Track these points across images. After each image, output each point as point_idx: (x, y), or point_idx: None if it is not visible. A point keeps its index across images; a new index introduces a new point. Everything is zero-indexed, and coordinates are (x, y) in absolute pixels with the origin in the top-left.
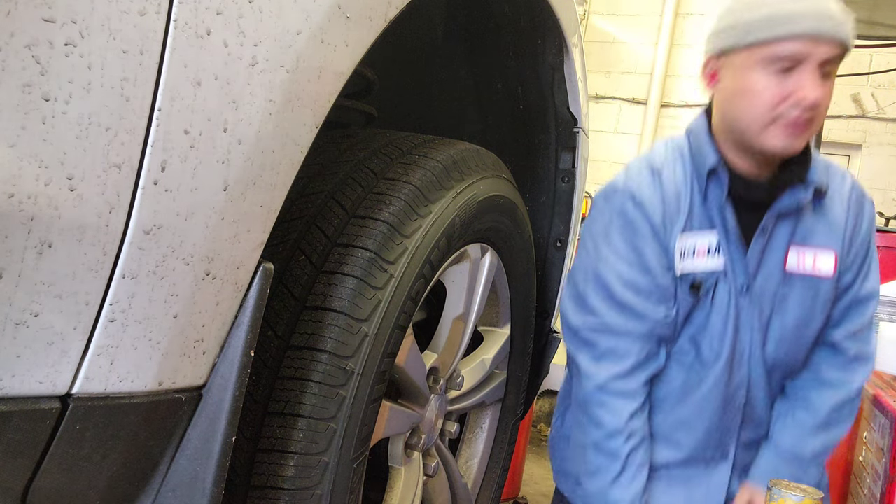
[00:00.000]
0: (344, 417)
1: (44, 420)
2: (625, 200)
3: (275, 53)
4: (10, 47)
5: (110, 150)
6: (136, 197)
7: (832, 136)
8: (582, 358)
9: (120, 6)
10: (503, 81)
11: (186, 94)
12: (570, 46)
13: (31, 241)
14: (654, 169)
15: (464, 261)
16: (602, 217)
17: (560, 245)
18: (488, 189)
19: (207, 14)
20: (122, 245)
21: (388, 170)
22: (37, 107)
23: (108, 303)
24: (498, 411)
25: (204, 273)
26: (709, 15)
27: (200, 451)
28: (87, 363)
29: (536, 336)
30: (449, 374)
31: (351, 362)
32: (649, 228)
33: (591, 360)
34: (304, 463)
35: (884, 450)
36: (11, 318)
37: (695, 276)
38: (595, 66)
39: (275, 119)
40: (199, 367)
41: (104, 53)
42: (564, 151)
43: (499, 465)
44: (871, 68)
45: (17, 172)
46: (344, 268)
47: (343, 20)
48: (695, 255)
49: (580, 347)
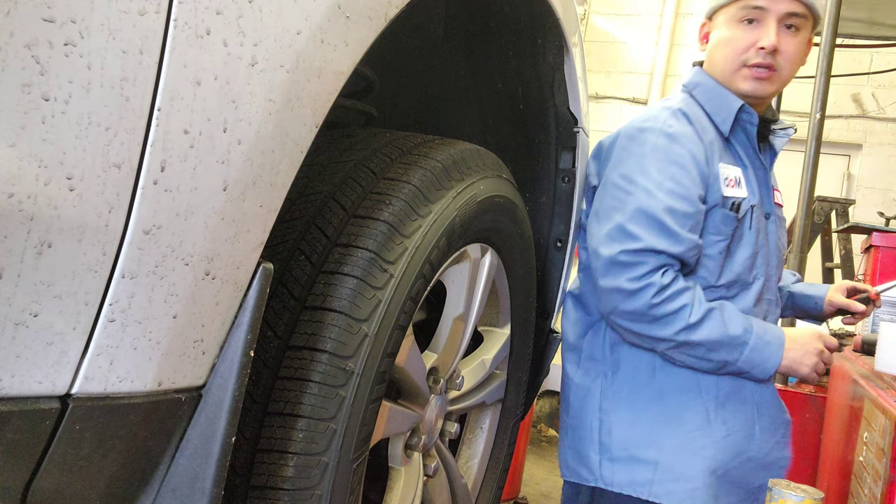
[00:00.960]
0: (344, 418)
1: (43, 420)
2: (658, 136)
3: (275, 53)
4: (10, 47)
5: (110, 149)
6: (135, 197)
7: (832, 136)
8: (622, 281)
9: (119, 6)
10: (503, 81)
11: (186, 94)
12: (570, 46)
13: (30, 241)
14: (675, 111)
15: (464, 261)
16: (634, 154)
17: (560, 245)
18: (488, 189)
19: (207, 14)
20: (121, 245)
21: (388, 170)
22: (36, 106)
23: (108, 303)
24: (498, 411)
25: (203, 273)
26: None
27: (200, 452)
28: (86, 363)
29: (536, 336)
30: (449, 374)
31: (351, 362)
32: (690, 158)
33: (633, 279)
34: (303, 463)
35: (884, 450)
36: (11, 318)
37: (734, 200)
38: (595, 66)
39: (274, 119)
40: (198, 367)
41: (104, 53)
42: (564, 151)
43: (499, 466)
44: (871, 68)
45: (16, 172)
46: (344, 268)
47: (343, 20)
48: (729, 183)
49: (620, 272)
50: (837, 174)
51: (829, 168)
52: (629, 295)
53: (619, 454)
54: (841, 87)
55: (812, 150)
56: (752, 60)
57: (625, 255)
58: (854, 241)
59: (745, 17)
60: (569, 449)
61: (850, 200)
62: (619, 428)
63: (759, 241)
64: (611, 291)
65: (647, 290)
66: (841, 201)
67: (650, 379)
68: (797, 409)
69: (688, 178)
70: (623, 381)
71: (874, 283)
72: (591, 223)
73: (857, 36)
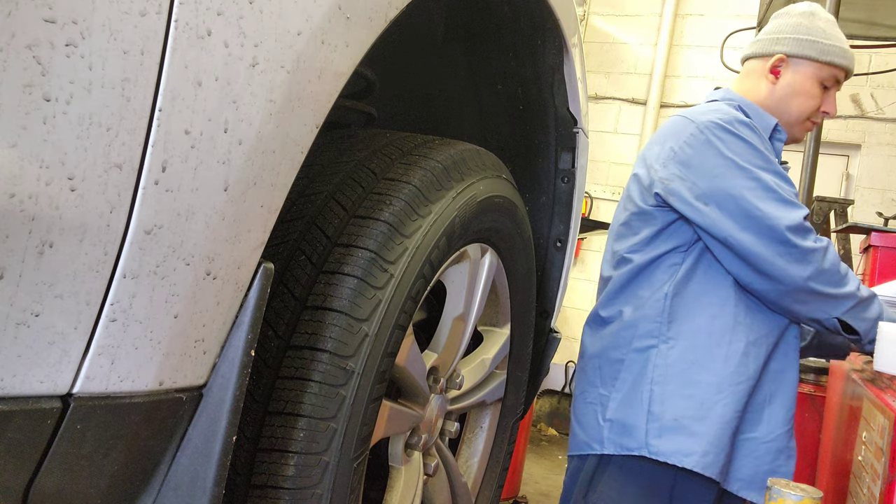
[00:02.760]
0: (344, 417)
1: (45, 420)
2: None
3: (275, 54)
4: (11, 48)
5: (111, 150)
6: (136, 197)
7: (831, 137)
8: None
9: (121, 7)
10: (503, 82)
11: (187, 95)
12: (569, 47)
13: (31, 241)
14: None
15: (464, 261)
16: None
17: (560, 245)
18: (488, 189)
19: (208, 15)
20: (122, 245)
21: (389, 170)
22: (38, 107)
23: (109, 302)
24: (498, 411)
25: (205, 273)
26: (708, 15)
27: (201, 451)
28: (87, 363)
29: (536, 336)
30: (449, 373)
31: (351, 362)
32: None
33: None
34: (304, 462)
35: (883, 450)
36: (12, 317)
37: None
38: (595, 67)
39: (275, 119)
40: (199, 366)
41: (105, 54)
42: (564, 151)
43: (499, 465)
44: (871, 68)
45: (18, 172)
46: (344, 268)
47: (343, 21)
48: None
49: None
50: (836, 174)
51: (827, 168)
52: (824, 253)
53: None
54: None
55: (811, 150)
56: (815, 119)
57: (803, 221)
58: (853, 241)
59: (830, 84)
60: (601, 420)
61: (848, 200)
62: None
63: None
64: (809, 253)
65: (830, 249)
66: (840, 201)
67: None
68: (797, 409)
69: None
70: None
71: (873, 283)
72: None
73: (856, 36)
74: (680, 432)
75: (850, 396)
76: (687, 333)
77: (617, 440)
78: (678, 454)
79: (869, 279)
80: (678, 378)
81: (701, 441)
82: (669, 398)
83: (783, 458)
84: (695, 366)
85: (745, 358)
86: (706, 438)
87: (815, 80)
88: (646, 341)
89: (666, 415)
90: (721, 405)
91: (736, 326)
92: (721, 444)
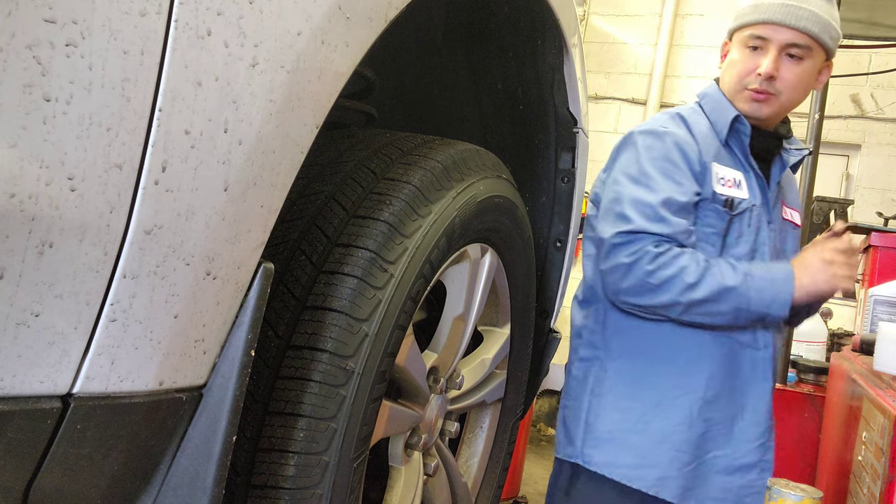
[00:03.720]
0: (344, 417)
1: (45, 420)
2: (648, 136)
3: (275, 54)
4: (12, 48)
5: (111, 150)
6: (136, 197)
7: (831, 137)
8: (620, 258)
9: (121, 7)
10: (503, 82)
11: (187, 95)
12: (569, 47)
13: (31, 241)
14: (674, 115)
15: (464, 261)
16: (629, 153)
17: (560, 245)
18: (488, 189)
19: (208, 15)
20: (122, 245)
21: (389, 170)
22: (38, 107)
23: (109, 303)
24: (498, 411)
25: (205, 273)
26: (708, 15)
27: (201, 451)
28: (87, 363)
29: (536, 336)
30: (449, 373)
31: (351, 362)
32: (678, 153)
33: (629, 255)
34: (304, 462)
35: (883, 449)
36: (12, 317)
37: (728, 197)
38: (595, 67)
39: (275, 119)
40: (199, 366)
41: (105, 54)
42: (564, 151)
43: (499, 465)
44: (871, 68)
45: (18, 172)
46: (344, 268)
47: (343, 21)
48: (725, 183)
49: (618, 251)
50: (836, 174)
51: (827, 168)
52: (627, 269)
53: (603, 436)
54: (840, 87)
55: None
56: (751, 85)
57: (620, 237)
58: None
59: (751, 43)
60: (560, 426)
61: (848, 200)
62: (607, 412)
63: (759, 240)
64: (613, 270)
65: (642, 260)
66: (840, 201)
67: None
68: (796, 409)
69: (675, 170)
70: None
71: (872, 283)
72: (598, 219)
73: (856, 36)
74: (613, 444)
75: (850, 396)
76: (626, 346)
77: (563, 447)
78: (609, 466)
79: (869, 279)
80: (615, 391)
81: (633, 454)
82: (605, 411)
83: (756, 473)
84: (634, 379)
85: (688, 371)
86: (639, 452)
87: (741, 45)
88: (588, 351)
89: (600, 426)
90: (660, 419)
91: (676, 340)
92: (656, 458)
